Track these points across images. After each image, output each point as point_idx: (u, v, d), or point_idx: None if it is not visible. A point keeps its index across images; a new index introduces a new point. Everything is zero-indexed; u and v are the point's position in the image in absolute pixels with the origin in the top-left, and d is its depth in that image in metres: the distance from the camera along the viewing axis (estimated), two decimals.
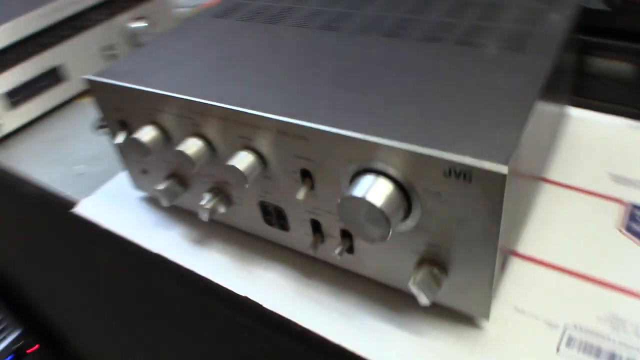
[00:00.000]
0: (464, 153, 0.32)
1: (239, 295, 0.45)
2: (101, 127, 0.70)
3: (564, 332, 0.39)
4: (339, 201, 0.35)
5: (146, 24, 0.79)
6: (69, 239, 0.67)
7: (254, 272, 0.46)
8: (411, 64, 0.43)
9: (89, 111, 0.75)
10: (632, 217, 0.46)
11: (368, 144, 0.35)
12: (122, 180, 0.59)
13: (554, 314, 0.40)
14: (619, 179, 0.50)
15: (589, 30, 0.55)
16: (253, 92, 0.42)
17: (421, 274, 0.37)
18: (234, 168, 0.40)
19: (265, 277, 0.46)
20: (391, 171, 0.35)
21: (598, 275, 0.42)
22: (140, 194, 0.56)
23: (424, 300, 0.37)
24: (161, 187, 0.48)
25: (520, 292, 0.42)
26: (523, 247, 0.45)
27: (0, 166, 0.67)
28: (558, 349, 0.38)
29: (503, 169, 0.31)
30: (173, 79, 0.45)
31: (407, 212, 0.36)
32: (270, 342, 0.47)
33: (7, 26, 0.69)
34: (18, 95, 0.71)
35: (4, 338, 1.10)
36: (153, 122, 0.46)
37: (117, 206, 0.56)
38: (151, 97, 0.44)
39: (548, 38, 0.43)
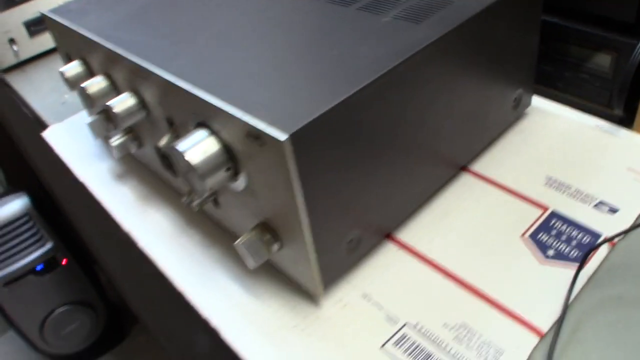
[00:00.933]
0: (261, 117, 0.31)
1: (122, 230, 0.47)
2: None
3: (399, 330, 0.36)
4: (168, 150, 0.36)
5: None
6: None
7: (147, 212, 0.48)
8: (295, 22, 0.41)
9: None
10: (544, 226, 0.42)
11: (192, 97, 0.34)
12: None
13: (400, 309, 0.37)
14: (554, 183, 0.45)
15: (565, 14, 0.49)
16: (143, 43, 0.42)
17: (249, 237, 0.37)
18: (109, 107, 0.41)
19: (153, 217, 0.47)
20: (219, 130, 0.34)
21: (473, 281, 0.38)
22: None
23: (250, 263, 0.37)
24: (89, 120, 0.51)
25: (378, 279, 0.40)
26: (405, 234, 0.42)
27: (11, 87, 0.74)
28: (384, 345, 0.36)
29: (282, 136, 0.29)
30: (100, 20, 0.47)
31: (237, 173, 0.35)
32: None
33: None
34: (36, 26, 0.77)
35: (38, 248, 1.19)
36: (81, 57, 0.48)
37: (74, 135, 0.60)
38: (75, 35, 0.47)
39: (454, 13, 0.39)
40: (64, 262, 1.18)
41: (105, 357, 1.26)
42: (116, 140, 0.48)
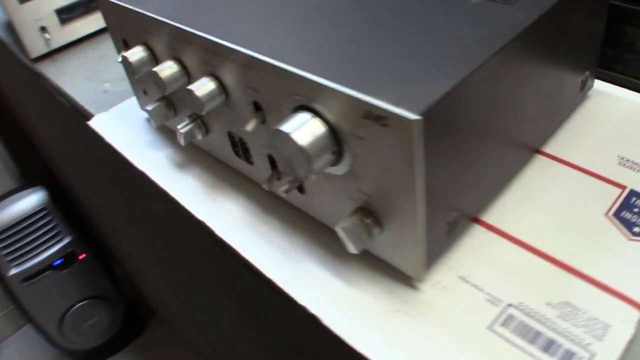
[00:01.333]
0: (383, 97, 0.30)
1: (195, 218, 0.46)
2: None
3: (503, 310, 0.36)
4: (270, 133, 0.35)
5: None
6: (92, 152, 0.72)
7: (217, 200, 0.47)
8: (385, 7, 0.40)
9: None
10: (625, 204, 0.42)
11: (299, 78, 0.34)
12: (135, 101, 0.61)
13: (500, 290, 0.37)
14: (628, 163, 0.45)
15: None
16: (221, 23, 0.41)
17: (351, 221, 0.36)
18: (191, 93, 0.40)
19: (226, 206, 0.46)
20: (324, 111, 0.34)
21: (566, 259, 0.38)
22: (145, 114, 0.58)
23: (351, 248, 0.36)
24: (149, 107, 0.50)
25: (473, 261, 0.39)
26: (490, 217, 0.42)
27: (45, 77, 0.72)
28: (491, 326, 0.35)
29: (414, 116, 0.29)
30: (164, 3, 0.46)
31: (340, 155, 0.35)
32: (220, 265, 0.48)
33: None
34: (68, 14, 0.75)
35: (56, 243, 1.18)
36: (144, 43, 0.47)
37: (123, 124, 0.58)
38: (140, 18, 0.46)
39: None
40: (81, 256, 1.17)
41: (123, 352, 1.25)
42: (184, 126, 0.47)
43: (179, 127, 0.47)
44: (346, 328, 0.36)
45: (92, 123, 0.60)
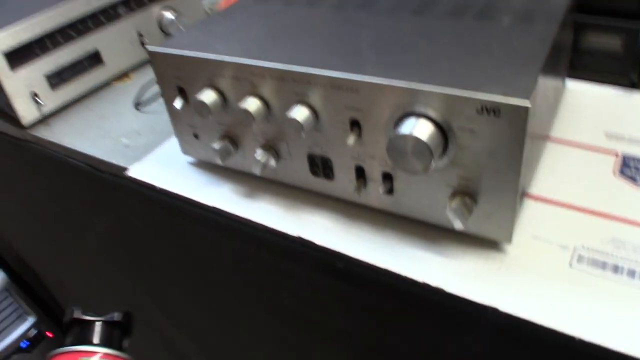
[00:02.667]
0: (493, 92, 0.39)
1: (290, 237, 0.51)
2: (140, 105, 0.77)
3: (574, 252, 0.46)
4: (387, 141, 0.42)
5: (174, 15, 0.86)
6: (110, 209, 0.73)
7: (302, 218, 0.53)
8: (438, 34, 0.50)
9: (126, 92, 0.81)
10: (624, 164, 0.54)
11: (413, 91, 0.42)
12: (168, 148, 0.65)
13: (564, 239, 0.47)
14: (613, 136, 0.58)
15: (584, 10, 0.63)
16: (305, 55, 0.49)
17: (455, 202, 0.44)
18: (292, 120, 0.47)
19: (313, 220, 0.52)
20: (431, 113, 0.42)
21: (599, 209, 0.50)
22: (188, 158, 0.63)
23: (458, 224, 0.44)
24: (217, 146, 0.55)
25: (534, 224, 0.49)
26: (533, 189, 0.52)
27: (46, 141, 0.73)
28: (570, 264, 0.45)
29: (526, 103, 0.38)
30: (230, 48, 0.52)
31: (444, 149, 0.43)
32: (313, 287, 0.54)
33: (44, 16, 0.75)
34: (57, 78, 0.77)
35: (20, 324, 1.13)
36: (212, 87, 0.53)
37: (167, 169, 0.62)
38: (212, 64, 0.51)
39: (551, 13, 0.51)
40: (49, 334, 1.12)
41: None
42: (261, 155, 0.53)
43: (256, 156, 0.53)
44: (467, 291, 0.44)
45: (132, 173, 0.63)
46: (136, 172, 0.63)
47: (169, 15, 0.86)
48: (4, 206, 1.06)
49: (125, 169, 0.64)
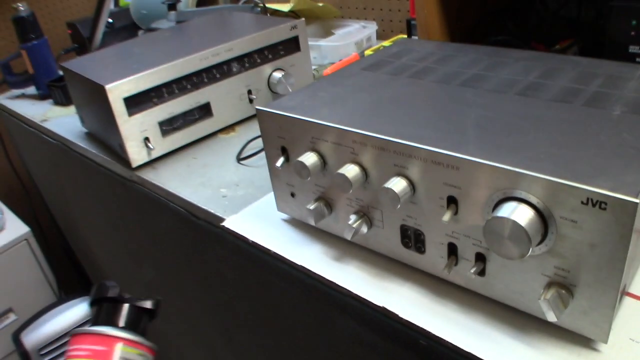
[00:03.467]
0: (601, 186, 0.38)
1: (375, 306, 0.51)
2: (242, 158, 0.80)
3: None
4: (485, 221, 0.42)
5: (283, 76, 0.90)
6: (208, 254, 0.76)
7: (388, 288, 0.53)
8: (545, 118, 0.50)
9: (230, 145, 0.85)
10: None
11: (517, 174, 0.41)
12: (263, 203, 0.68)
13: None
14: None
15: None
16: (407, 128, 0.50)
17: (551, 293, 0.43)
18: (390, 190, 0.48)
19: (399, 292, 0.52)
20: (532, 199, 0.41)
21: None
22: (282, 215, 0.65)
23: (552, 317, 0.43)
24: (311, 207, 0.56)
25: (633, 325, 0.46)
26: (635, 289, 0.50)
27: (151, 183, 0.78)
28: None
29: (635, 199, 0.37)
30: (335, 114, 0.54)
31: (543, 237, 0.42)
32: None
33: (163, 68, 0.81)
34: (169, 125, 0.83)
35: None
36: (313, 150, 0.55)
37: (261, 224, 0.64)
38: (316, 128, 0.53)
39: None
40: None
41: None
42: (355, 222, 0.53)
43: (349, 222, 0.54)
44: None
45: (228, 224, 0.65)
46: (232, 223, 0.65)
47: (278, 75, 0.91)
48: (102, 237, 1.12)
49: (222, 219, 0.66)
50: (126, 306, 0.48)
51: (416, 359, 0.51)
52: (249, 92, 0.91)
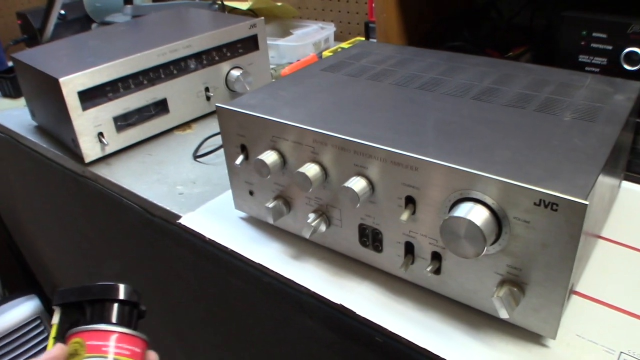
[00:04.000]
0: (553, 188, 0.40)
1: (332, 303, 0.52)
2: (199, 156, 0.79)
3: (619, 357, 0.45)
4: (442, 221, 0.43)
5: (241, 74, 0.90)
6: (166, 253, 0.75)
7: (346, 286, 0.53)
8: (500, 122, 0.51)
9: (186, 142, 0.84)
10: None
11: (474, 176, 0.43)
12: (221, 201, 0.67)
13: (610, 342, 0.46)
14: None
15: None
16: (368, 129, 0.50)
17: (503, 291, 0.44)
18: (349, 190, 0.48)
19: (357, 290, 0.53)
20: (487, 200, 0.43)
21: None
22: (240, 213, 0.64)
23: (504, 314, 0.44)
24: (270, 205, 0.57)
25: (580, 322, 0.48)
26: (581, 288, 0.52)
27: (105, 179, 0.76)
28: None
29: (584, 201, 0.38)
30: (296, 113, 0.54)
31: (497, 237, 0.43)
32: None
33: (119, 62, 0.80)
34: (124, 121, 0.81)
35: None
36: (274, 148, 0.55)
37: (218, 222, 0.64)
38: (277, 126, 0.53)
39: (614, 113, 0.52)
40: None
41: None
42: (313, 221, 0.54)
43: (308, 220, 0.54)
44: None
45: (184, 221, 0.65)
46: (188, 220, 0.65)
47: (236, 73, 0.90)
48: (50, 234, 1.09)
49: (178, 216, 0.66)
50: (115, 305, 0.47)
51: (372, 356, 0.52)
52: (207, 89, 0.90)
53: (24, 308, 1.08)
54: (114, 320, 0.44)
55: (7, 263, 1.45)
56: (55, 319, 0.47)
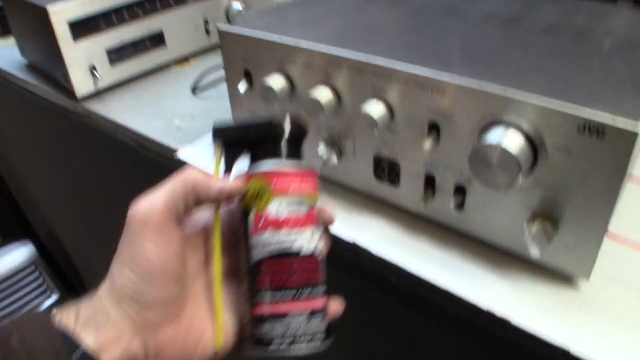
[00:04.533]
0: (599, 113, 0.35)
1: (343, 241, 0.48)
2: (196, 89, 0.74)
3: None
4: (471, 149, 0.39)
5: (242, 7, 0.84)
6: None
7: (359, 223, 0.49)
8: (531, 47, 0.46)
9: (184, 77, 0.79)
10: None
11: (507, 99, 0.38)
12: None
13: None
14: None
15: None
16: (386, 50, 0.45)
17: (535, 227, 0.40)
18: (367, 115, 0.43)
19: (371, 226, 0.49)
20: (523, 125, 0.38)
21: None
22: None
23: (535, 252, 0.40)
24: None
25: (613, 264, 0.44)
26: (613, 228, 0.48)
27: (98, 115, 0.71)
28: None
29: (636, 128, 0.34)
30: (306, 35, 0.49)
31: (532, 166, 0.39)
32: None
33: None
34: (118, 54, 0.76)
35: (44, 300, 1.11)
36: (281, 72, 0.50)
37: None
38: (286, 49, 0.48)
39: None
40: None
41: None
42: (324, 152, 0.49)
43: (318, 151, 0.49)
44: (536, 325, 0.40)
45: (181, 155, 0.60)
46: (186, 154, 0.60)
47: (237, 5, 0.84)
48: (44, 178, 1.04)
49: (174, 150, 0.61)
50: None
51: (387, 300, 0.48)
52: (206, 22, 0.84)
53: (18, 254, 1.05)
54: (286, 157, 0.37)
55: (1, 209, 1.41)
56: (217, 154, 0.39)
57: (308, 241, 0.36)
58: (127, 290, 0.33)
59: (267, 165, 0.37)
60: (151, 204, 0.35)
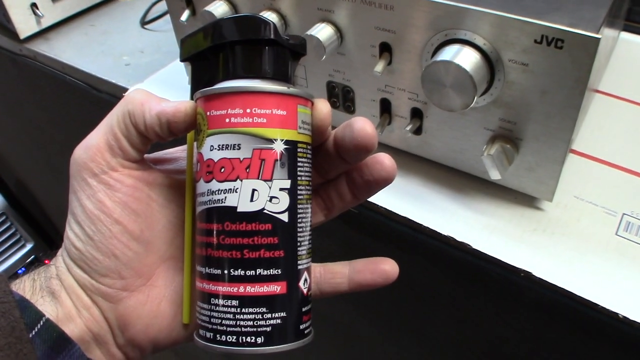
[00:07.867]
0: (557, 21, 0.33)
1: None
2: (147, 22, 0.70)
3: (621, 219, 0.40)
4: (423, 68, 0.36)
5: None
6: None
7: None
8: None
9: (132, 9, 0.74)
10: None
11: (461, 11, 0.35)
12: (171, 70, 0.59)
13: (610, 203, 0.41)
14: None
15: None
16: None
17: (495, 148, 0.38)
18: (313, 38, 0.40)
19: None
20: (477, 40, 0.35)
21: None
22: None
23: (495, 174, 0.39)
24: None
25: (578, 183, 0.43)
26: (578, 146, 0.46)
27: (44, 56, 0.67)
28: (616, 232, 0.39)
29: (596, 35, 0.31)
30: None
31: (489, 85, 0.37)
32: None
33: None
34: None
35: (17, 250, 1.10)
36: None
37: (169, 92, 0.56)
38: None
39: None
40: (47, 262, 1.09)
41: None
42: None
43: None
44: (497, 250, 0.38)
45: None
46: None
47: None
48: (4, 127, 1.00)
49: (125, 89, 0.58)
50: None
51: (347, 228, 0.47)
52: None
53: None
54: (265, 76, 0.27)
55: None
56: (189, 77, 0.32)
57: (250, 197, 0.26)
58: (73, 255, 0.28)
59: (223, 85, 0.27)
60: (87, 144, 0.29)
